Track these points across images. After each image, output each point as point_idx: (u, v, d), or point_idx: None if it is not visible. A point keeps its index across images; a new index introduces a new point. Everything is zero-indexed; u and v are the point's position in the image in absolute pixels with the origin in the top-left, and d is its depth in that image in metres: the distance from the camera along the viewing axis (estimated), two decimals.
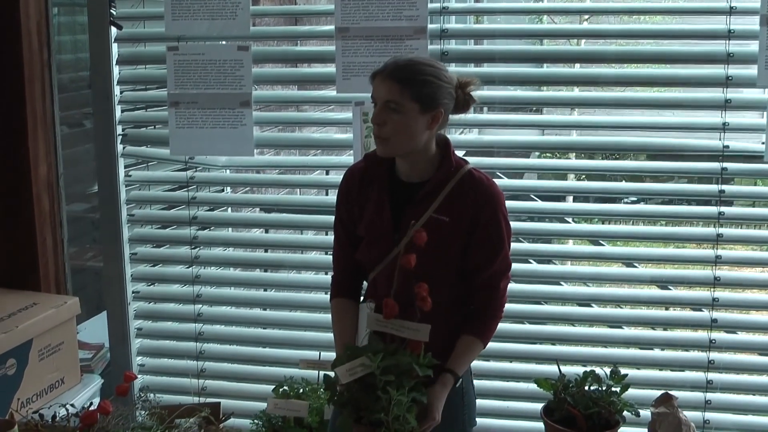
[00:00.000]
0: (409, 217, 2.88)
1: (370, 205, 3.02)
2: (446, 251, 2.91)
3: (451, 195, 2.92)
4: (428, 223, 2.86)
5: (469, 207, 2.91)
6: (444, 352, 2.89)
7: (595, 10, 4.84)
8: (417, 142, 2.87)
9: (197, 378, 4.39)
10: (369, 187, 3.04)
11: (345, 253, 3.15)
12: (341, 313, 3.13)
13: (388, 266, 2.93)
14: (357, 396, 2.54)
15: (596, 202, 5.27)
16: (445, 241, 2.89)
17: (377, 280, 3.03)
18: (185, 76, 4.07)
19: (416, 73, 2.84)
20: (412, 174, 2.97)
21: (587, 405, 2.63)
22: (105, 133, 4.27)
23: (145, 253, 4.49)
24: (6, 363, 3.77)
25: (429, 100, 2.83)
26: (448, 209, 2.91)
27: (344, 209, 3.13)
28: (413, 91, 2.80)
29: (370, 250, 3.03)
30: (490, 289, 2.98)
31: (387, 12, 3.79)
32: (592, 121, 4.27)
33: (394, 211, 2.96)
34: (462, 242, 2.92)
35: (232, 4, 3.96)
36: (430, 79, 2.84)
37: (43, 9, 4.27)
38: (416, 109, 2.81)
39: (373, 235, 3.02)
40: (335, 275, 3.21)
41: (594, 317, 4.28)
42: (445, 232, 2.89)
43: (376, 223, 2.99)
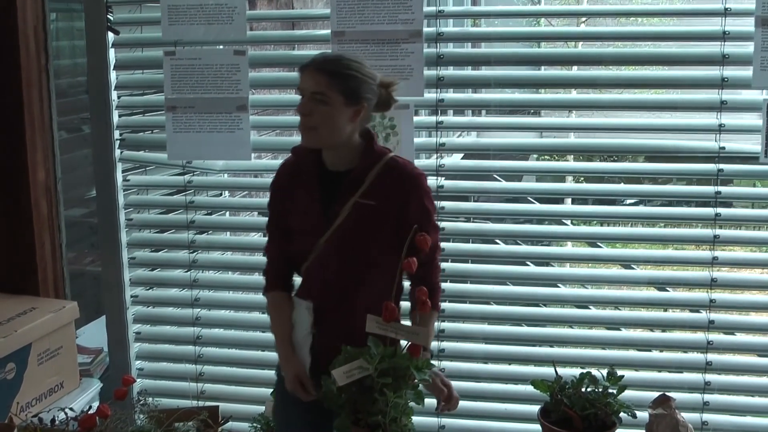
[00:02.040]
0: (338, 202, 3.07)
1: (301, 195, 3.18)
2: (376, 233, 3.08)
3: (376, 180, 3.08)
4: (356, 208, 3.05)
5: (394, 189, 3.08)
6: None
7: (592, 12, 4.86)
8: (341, 133, 3.04)
9: (196, 382, 4.39)
10: (298, 179, 3.21)
11: (277, 247, 3.31)
12: (278, 307, 3.28)
13: (321, 253, 3.10)
14: (354, 398, 2.55)
15: (595, 204, 5.28)
16: (374, 223, 3.07)
17: (311, 270, 3.16)
18: (182, 81, 4.07)
19: (343, 67, 3.01)
20: (338, 163, 3.13)
21: (584, 406, 2.64)
22: (102, 138, 4.28)
23: (143, 257, 4.48)
24: (5, 367, 3.77)
25: (353, 94, 3.00)
26: (374, 193, 3.06)
27: (276, 204, 3.29)
28: (339, 84, 2.97)
29: (303, 239, 3.16)
30: (424, 263, 3.05)
31: (383, 16, 3.80)
32: (590, 124, 4.28)
33: (324, 199, 3.12)
34: (391, 224, 3.06)
35: (229, 9, 3.97)
36: (355, 74, 3.02)
37: (40, 14, 4.28)
38: (341, 101, 2.98)
39: (304, 224, 3.16)
40: (268, 269, 3.35)
41: (592, 319, 4.30)
42: (373, 215, 3.05)
43: (307, 212, 3.14)
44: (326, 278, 3.13)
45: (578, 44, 8.72)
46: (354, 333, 3.08)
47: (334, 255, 3.09)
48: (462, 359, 4.17)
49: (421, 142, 4.06)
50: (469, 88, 6.10)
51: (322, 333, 3.15)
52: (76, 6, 5.13)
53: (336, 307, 3.14)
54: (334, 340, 3.06)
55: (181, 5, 4.02)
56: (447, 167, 4.01)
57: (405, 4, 3.76)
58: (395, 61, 3.80)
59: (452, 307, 4.13)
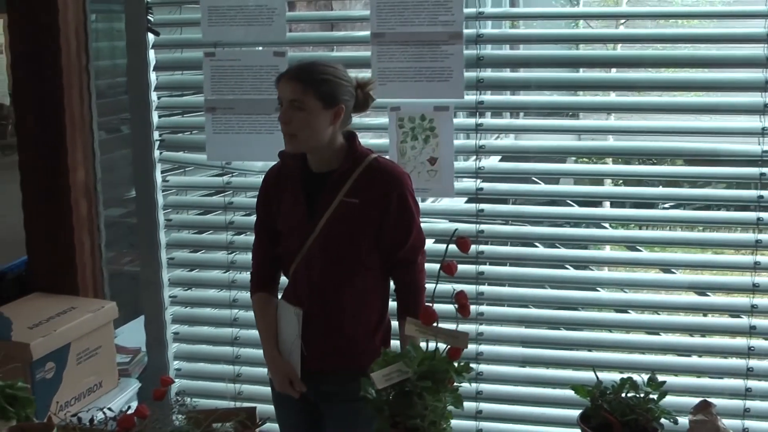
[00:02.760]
0: (323, 202, 3.16)
1: (286, 197, 3.27)
2: (360, 231, 3.16)
3: (359, 179, 3.16)
4: (340, 207, 3.14)
5: (376, 188, 3.16)
6: (366, 335, 3.25)
7: (631, 14, 4.83)
8: (322, 137, 3.12)
9: (233, 382, 4.40)
10: (285, 182, 3.30)
11: (264, 250, 3.40)
12: (264, 309, 3.38)
13: (306, 255, 3.20)
14: (393, 401, 2.53)
15: (633, 207, 5.23)
16: (357, 222, 3.15)
17: (297, 272, 3.26)
18: (222, 82, 4.09)
19: (316, 73, 3.11)
20: (321, 165, 3.21)
21: (624, 412, 2.60)
22: (142, 139, 4.30)
23: (181, 257, 4.50)
24: (45, 366, 3.80)
25: (330, 98, 3.09)
26: (357, 192, 3.15)
27: (262, 207, 3.39)
28: (315, 90, 3.07)
29: (289, 240, 3.26)
30: (407, 263, 3.22)
31: (423, 17, 3.79)
32: (629, 126, 4.25)
33: (308, 200, 3.21)
34: (374, 223, 3.16)
35: (269, 10, 3.98)
36: (330, 78, 3.11)
37: (81, 15, 4.31)
38: (319, 106, 3.08)
39: (290, 225, 3.25)
40: (254, 271, 3.45)
41: (631, 323, 4.26)
42: (357, 214, 3.14)
43: (292, 213, 3.23)
44: (312, 279, 3.21)
45: (617, 46, 8.66)
46: (342, 333, 3.21)
47: (320, 255, 3.17)
48: (500, 362, 4.15)
49: (459, 144, 4.04)
50: (507, 91, 6.06)
51: (311, 334, 3.22)
52: (116, 7, 5.14)
53: (323, 307, 3.21)
54: (321, 340, 3.20)
55: (221, 6, 4.03)
56: (486, 170, 3.99)
57: (445, 5, 3.74)
58: (435, 63, 3.79)
59: (490, 311, 4.11)
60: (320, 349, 3.22)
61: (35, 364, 3.75)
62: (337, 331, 3.21)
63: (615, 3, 16.46)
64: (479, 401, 4.09)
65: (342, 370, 3.22)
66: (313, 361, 3.23)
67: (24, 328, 3.87)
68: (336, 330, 3.21)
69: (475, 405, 4.06)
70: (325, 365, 3.24)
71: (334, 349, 3.23)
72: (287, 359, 3.28)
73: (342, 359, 3.23)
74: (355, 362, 3.20)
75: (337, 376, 3.23)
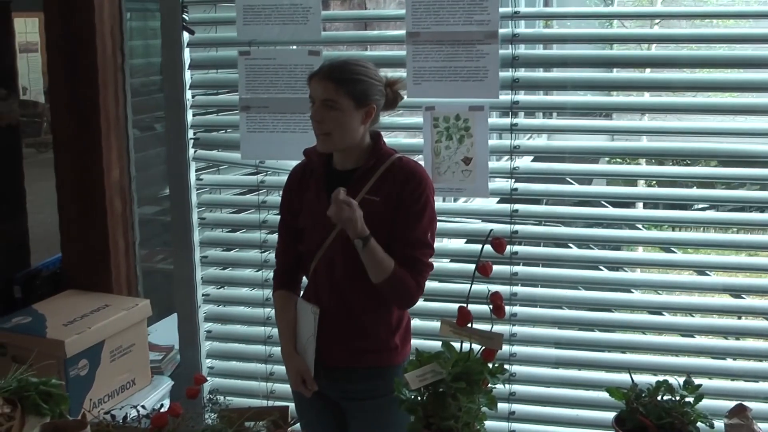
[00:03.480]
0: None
1: (309, 194, 3.28)
2: (380, 229, 3.10)
3: (382, 178, 3.17)
4: (361, 204, 3.07)
5: (396, 185, 3.15)
6: (386, 332, 3.24)
7: (666, 14, 4.79)
8: (354, 135, 3.14)
9: (266, 381, 4.40)
10: (309, 179, 3.31)
11: (287, 248, 3.41)
12: (284, 306, 3.38)
13: (327, 252, 3.20)
14: (427, 402, 2.53)
15: (666, 208, 5.19)
16: (377, 220, 3.10)
17: (317, 270, 3.26)
18: (256, 81, 4.09)
19: (349, 72, 3.12)
20: (346, 163, 3.23)
21: (660, 415, 2.58)
22: (177, 137, 4.31)
23: (215, 256, 4.51)
24: (78, 363, 3.82)
25: (362, 97, 3.11)
26: (379, 190, 3.16)
27: (286, 205, 3.40)
28: (347, 89, 3.08)
29: (311, 236, 3.26)
30: (407, 258, 3.14)
31: (458, 16, 3.77)
32: (663, 127, 4.22)
33: (330, 197, 3.11)
34: (391, 217, 3.14)
35: (304, 9, 3.98)
36: (362, 78, 3.12)
37: (117, 14, 4.33)
38: (351, 105, 3.09)
39: (312, 222, 3.25)
40: (277, 269, 3.46)
41: (665, 326, 4.23)
42: (377, 210, 3.12)
43: (315, 209, 3.21)
44: (333, 276, 3.21)
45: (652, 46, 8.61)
46: (361, 331, 3.21)
47: (340, 252, 3.16)
48: (533, 364, 4.13)
49: (494, 144, 4.02)
50: (540, 90, 6.04)
51: (330, 332, 3.22)
52: (151, 6, 5.18)
53: (343, 305, 3.21)
54: (341, 338, 3.20)
55: (256, 5, 4.03)
56: (520, 170, 3.98)
57: (481, 4, 3.73)
58: (470, 63, 3.78)
59: (523, 311, 4.09)
60: (340, 346, 3.23)
61: (69, 361, 3.77)
62: (357, 329, 3.21)
63: (650, 3, 16.40)
64: (512, 402, 4.07)
65: (362, 367, 3.24)
66: (333, 358, 3.24)
67: (58, 325, 3.89)
68: (355, 328, 3.21)
69: (508, 406, 4.05)
70: (345, 363, 3.25)
71: (353, 347, 3.23)
72: (302, 357, 3.29)
73: (361, 357, 3.23)
74: (374, 360, 3.23)
75: (357, 374, 3.25)
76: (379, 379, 3.20)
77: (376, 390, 3.21)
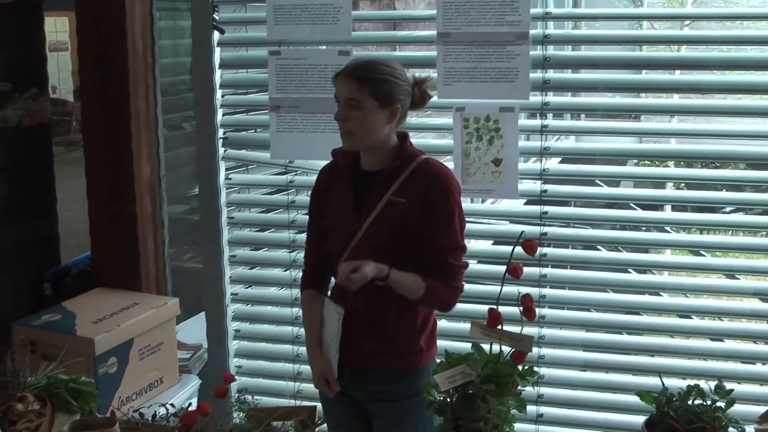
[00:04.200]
0: (371, 200, 3.16)
1: (336, 194, 3.29)
2: (405, 229, 3.13)
3: (408, 179, 3.15)
4: (387, 205, 3.13)
5: (422, 187, 3.13)
6: (411, 335, 3.22)
7: (696, 15, 4.77)
8: (378, 135, 3.13)
9: (293, 381, 4.41)
10: (335, 179, 3.32)
11: (315, 248, 3.42)
12: (310, 306, 3.40)
13: (352, 253, 3.16)
14: (456, 404, 2.52)
15: (695, 211, 5.18)
16: (403, 220, 3.13)
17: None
18: (286, 81, 4.10)
19: (373, 72, 3.10)
20: (373, 163, 3.21)
21: (691, 420, 2.57)
22: (206, 136, 4.32)
23: (243, 255, 4.52)
24: (107, 361, 3.83)
25: (386, 97, 3.09)
26: (405, 191, 3.14)
27: (314, 205, 3.41)
28: (371, 89, 3.07)
29: (336, 237, 3.26)
30: (439, 263, 3.13)
31: (489, 17, 3.76)
32: (692, 129, 4.20)
33: (357, 197, 3.21)
34: (416, 219, 3.13)
35: (334, 9, 3.98)
36: (387, 78, 3.10)
37: (147, 14, 4.35)
38: (375, 105, 3.08)
39: (338, 222, 3.26)
40: (305, 269, 3.48)
41: (694, 329, 4.20)
42: (403, 212, 3.12)
43: (341, 210, 3.24)
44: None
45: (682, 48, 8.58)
46: (386, 333, 3.20)
47: (365, 253, 3.12)
48: (561, 366, 4.11)
49: (524, 145, 4.00)
50: (569, 92, 6.02)
51: (356, 333, 3.21)
52: (181, 5, 5.19)
53: (368, 306, 3.19)
54: (366, 339, 3.20)
55: (286, 5, 4.04)
56: (550, 172, 3.96)
57: (512, 5, 3.71)
58: (500, 63, 3.76)
59: (552, 314, 4.07)
60: (365, 348, 3.22)
61: (98, 358, 3.79)
62: (382, 331, 3.21)
63: (680, 4, 16.31)
64: (540, 405, 4.06)
65: (385, 369, 3.23)
66: (358, 359, 3.23)
67: (88, 322, 3.91)
68: (380, 329, 3.21)
69: (536, 409, 4.03)
70: (370, 364, 3.24)
71: (378, 348, 3.22)
72: (326, 357, 3.29)
73: (385, 359, 3.22)
74: (398, 362, 3.22)
75: (382, 375, 3.24)
76: (402, 382, 3.19)
77: (400, 392, 3.20)
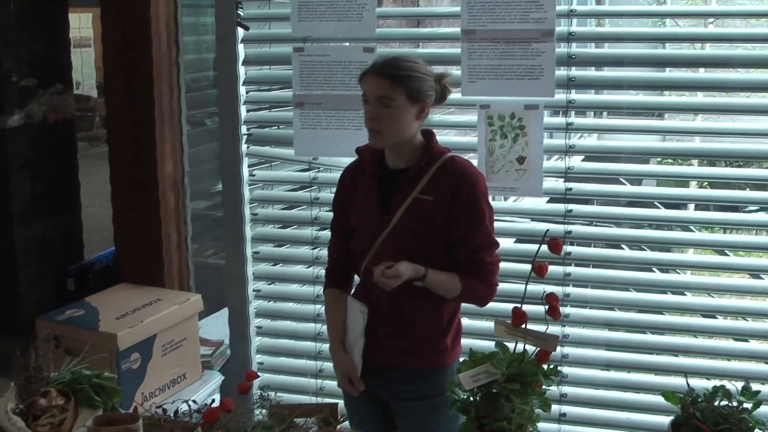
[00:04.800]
0: (397, 199, 3.16)
1: (361, 193, 3.29)
2: (431, 228, 3.14)
3: (434, 177, 3.15)
4: (414, 203, 3.13)
5: (449, 185, 3.13)
6: (437, 333, 3.22)
7: (720, 13, 4.74)
8: (407, 132, 3.14)
9: (315, 378, 4.40)
10: (360, 178, 3.32)
11: (339, 246, 3.43)
12: (334, 305, 3.41)
13: (378, 251, 3.18)
14: (480, 403, 2.51)
15: (718, 210, 5.13)
16: (430, 218, 3.13)
17: (369, 268, 3.19)
18: (310, 77, 4.09)
19: (403, 69, 3.11)
20: (398, 161, 3.22)
21: (717, 421, 2.55)
22: (230, 133, 4.32)
23: (266, 252, 4.52)
24: (130, 357, 3.84)
25: (416, 93, 3.10)
26: (432, 190, 3.14)
27: (339, 203, 3.42)
28: (402, 86, 3.07)
29: (362, 236, 3.27)
30: (474, 262, 3.14)
31: (514, 14, 3.75)
32: (716, 128, 4.17)
33: (383, 196, 3.22)
34: (444, 218, 3.13)
35: (358, 6, 3.97)
36: (415, 74, 3.11)
37: (172, 9, 4.35)
38: (406, 102, 3.09)
39: (363, 220, 3.27)
40: (329, 268, 3.49)
41: (718, 330, 4.17)
42: (430, 210, 3.13)
43: (367, 208, 3.25)
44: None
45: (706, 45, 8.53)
46: (413, 331, 3.20)
47: (392, 251, 3.13)
48: (584, 366, 4.10)
49: (548, 143, 3.98)
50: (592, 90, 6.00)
51: (381, 331, 3.22)
52: (203, 1, 5.19)
53: (394, 304, 3.18)
54: (392, 338, 3.20)
55: (310, 2, 4.04)
56: (574, 170, 3.94)
57: (537, 2, 3.70)
58: (525, 61, 3.75)
59: (575, 312, 4.06)
60: (390, 346, 3.22)
61: (121, 354, 3.79)
62: (409, 329, 3.20)
63: (704, 1, 16.21)
64: (563, 404, 4.04)
65: (411, 368, 3.23)
66: (382, 358, 3.23)
67: (111, 318, 3.92)
68: (407, 328, 3.20)
69: (558, 408, 4.02)
70: (394, 363, 3.24)
71: (404, 347, 3.22)
72: (350, 356, 3.28)
73: (411, 358, 3.23)
74: (424, 361, 3.21)
75: (407, 374, 3.24)
76: (427, 380, 3.19)
77: (425, 391, 3.20)
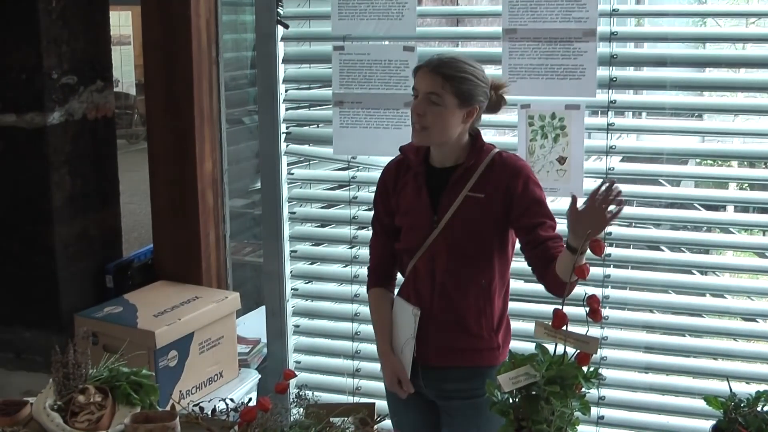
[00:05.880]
0: (447, 197, 3.13)
1: (408, 191, 3.25)
2: (485, 227, 3.12)
3: (484, 174, 3.13)
4: (465, 201, 3.11)
5: (502, 180, 3.11)
6: (488, 331, 3.21)
7: (762, 13, 4.69)
8: (452, 133, 3.10)
9: (352, 377, 4.40)
10: (406, 176, 3.27)
11: (382, 245, 3.39)
12: (380, 305, 3.38)
13: (429, 251, 3.16)
14: (519, 405, 2.49)
15: (758, 212, 5.09)
16: (483, 217, 3.11)
17: (418, 268, 3.21)
18: (350, 76, 4.09)
19: (458, 70, 3.06)
20: (445, 160, 3.19)
21: (760, 427, 2.52)
22: (269, 131, 4.32)
23: (304, 250, 4.52)
24: (168, 354, 3.85)
25: (467, 96, 3.06)
26: (483, 187, 3.12)
27: (381, 202, 3.37)
28: (454, 86, 3.04)
29: (411, 235, 3.23)
30: (555, 238, 3.07)
31: (556, 13, 3.73)
32: (756, 130, 4.14)
33: (431, 195, 3.18)
34: (499, 217, 3.11)
35: (399, 4, 3.97)
36: (470, 77, 3.07)
37: (212, 8, 4.36)
38: (455, 103, 3.05)
39: (412, 220, 3.22)
40: (372, 267, 3.45)
41: (759, 334, 4.13)
42: (482, 208, 3.11)
43: (416, 208, 3.20)
44: (435, 275, 3.17)
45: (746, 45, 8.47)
46: (465, 330, 3.18)
47: (444, 251, 3.13)
48: (623, 368, 4.07)
49: (589, 144, 3.95)
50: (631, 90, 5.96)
51: (432, 331, 3.20)
52: (243, 0, 5.20)
53: (446, 303, 3.18)
54: (443, 337, 3.18)
55: (351, 0, 4.03)
56: (615, 171, 3.91)
57: (579, 1, 3.68)
58: (567, 60, 3.73)
59: (614, 315, 4.03)
60: (442, 346, 3.20)
61: (159, 352, 3.81)
62: (461, 328, 3.19)
63: (745, 1, 16.06)
64: (601, 407, 4.01)
65: (463, 367, 3.22)
66: (436, 357, 3.22)
67: (149, 315, 3.93)
68: (459, 327, 3.19)
69: (597, 411, 3.99)
70: (446, 362, 3.22)
71: (456, 346, 3.21)
72: (399, 357, 3.27)
73: (463, 356, 3.21)
74: (476, 359, 3.20)
75: (460, 373, 3.22)
76: (478, 379, 3.16)
77: (475, 389, 3.17)
